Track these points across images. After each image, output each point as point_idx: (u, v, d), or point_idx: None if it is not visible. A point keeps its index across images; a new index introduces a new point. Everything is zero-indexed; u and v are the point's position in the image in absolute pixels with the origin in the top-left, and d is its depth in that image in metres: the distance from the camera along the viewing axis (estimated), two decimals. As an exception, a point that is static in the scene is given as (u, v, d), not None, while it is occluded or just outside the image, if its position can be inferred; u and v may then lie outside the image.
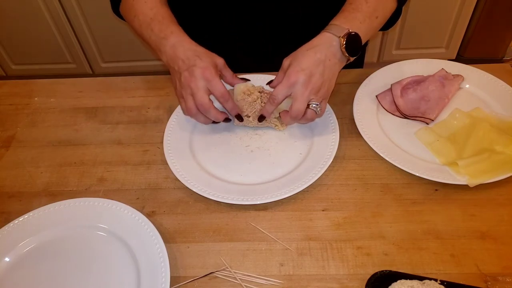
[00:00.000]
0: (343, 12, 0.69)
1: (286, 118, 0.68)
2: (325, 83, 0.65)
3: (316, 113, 0.67)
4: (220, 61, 0.70)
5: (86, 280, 0.56)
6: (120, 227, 0.61)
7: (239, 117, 0.72)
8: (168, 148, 0.71)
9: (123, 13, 0.80)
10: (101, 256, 0.58)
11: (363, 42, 0.67)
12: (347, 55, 0.65)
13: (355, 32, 0.65)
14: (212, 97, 0.68)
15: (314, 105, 0.66)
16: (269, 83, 0.73)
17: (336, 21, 0.67)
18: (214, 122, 0.72)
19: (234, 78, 0.73)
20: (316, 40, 0.66)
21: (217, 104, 0.72)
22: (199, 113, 0.69)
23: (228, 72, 0.73)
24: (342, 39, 0.64)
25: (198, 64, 0.66)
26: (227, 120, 0.72)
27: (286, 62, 0.68)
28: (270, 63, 0.81)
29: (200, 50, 0.68)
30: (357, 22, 0.66)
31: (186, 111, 0.69)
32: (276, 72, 0.83)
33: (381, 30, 0.76)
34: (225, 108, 0.71)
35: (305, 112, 0.66)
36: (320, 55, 0.64)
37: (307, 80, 0.64)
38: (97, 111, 0.82)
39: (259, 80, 0.82)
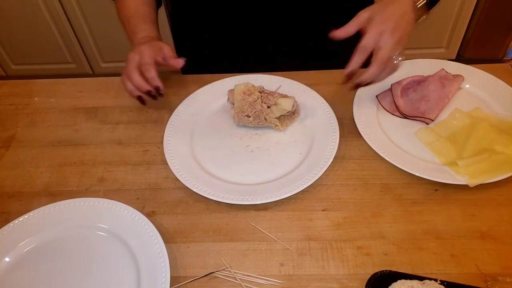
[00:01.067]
0: None
1: (372, 68, 0.66)
2: (405, 37, 0.65)
3: (399, 63, 0.67)
4: (165, 46, 0.74)
5: (86, 280, 0.56)
6: (120, 227, 0.61)
7: (154, 94, 0.72)
8: (168, 148, 0.71)
9: (116, 5, 0.86)
10: (101, 256, 0.58)
11: None
12: (426, 7, 0.67)
13: None
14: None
15: (399, 58, 0.66)
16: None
17: None
18: (140, 100, 0.74)
19: (170, 58, 0.73)
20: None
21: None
22: (135, 74, 0.71)
23: (168, 52, 0.74)
24: None
25: (141, 45, 0.72)
26: (147, 96, 0.73)
27: (364, 14, 0.66)
28: (270, 63, 0.81)
29: (155, 41, 0.74)
30: None
31: (124, 80, 0.73)
32: (277, 72, 0.84)
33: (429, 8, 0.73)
34: (146, 76, 0.72)
35: (387, 63, 0.66)
36: (401, 9, 0.65)
37: (394, 29, 0.64)
38: (97, 111, 0.82)
39: (259, 80, 0.82)
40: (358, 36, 0.90)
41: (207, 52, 0.94)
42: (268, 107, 0.72)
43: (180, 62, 0.74)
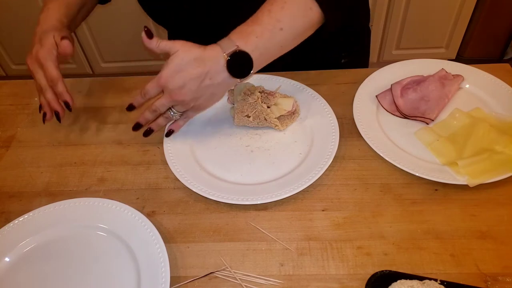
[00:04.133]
0: (244, 24, 0.63)
1: (140, 99, 0.66)
2: (197, 99, 0.63)
3: (172, 118, 0.68)
4: (53, 38, 0.70)
5: (86, 280, 0.56)
6: (120, 227, 0.61)
7: (67, 106, 0.70)
8: (168, 148, 0.71)
9: None
10: (101, 256, 0.58)
11: (259, 62, 0.62)
12: (230, 74, 0.61)
13: (242, 51, 0.60)
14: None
15: (173, 112, 0.67)
16: None
17: (232, 33, 0.62)
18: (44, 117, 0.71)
19: (60, 44, 0.70)
20: (208, 51, 0.61)
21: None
22: (40, 93, 0.70)
23: (58, 40, 0.70)
24: (227, 56, 0.60)
25: (37, 47, 0.68)
26: (56, 115, 0.70)
27: (174, 47, 0.61)
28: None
29: (46, 31, 0.70)
30: (253, 37, 0.60)
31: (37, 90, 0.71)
32: (277, 72, 0.84)
33: (326, 32, 0.68)
34: (56, 91, 0.69)
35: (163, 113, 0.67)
36: (201, 70, 0.60)
37: (176, 90, 0.61)
38: (97, 111, 0.82)
39: (259, 80, 0.82)
40: (354, 35, 0.90)
41: None
42: (268, 107, 0.72)
43: (65, 45, 0.69)
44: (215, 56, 0.60)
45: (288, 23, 0.62)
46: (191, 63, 0.60)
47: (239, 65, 0.61)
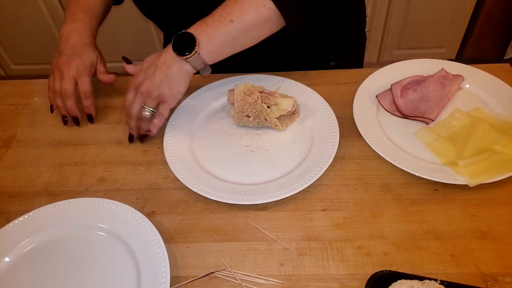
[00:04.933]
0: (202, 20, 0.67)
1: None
2: (158, 87, 0.67)
3: (147, 116, 0.70)
4: (96, 59, 0.78)
5: (86, 280, 0.56)
6: (120, 227, 0.61)
7: (90, 117, 0.78)
8: (168, 148, 0.71)
9: None
10: (101, 256, 0.58)
11: (219, 47, 0.66)
12: (175, 53, 0.65)
13: (187, 32, 0.65)
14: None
15: (145, 111, 0.69)
16: None
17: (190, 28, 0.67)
18: (64, 119, 0.79)
19: (101, 74, 0.79)
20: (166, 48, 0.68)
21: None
22: (58, 96, 0.76)
23: (100, 68, 0.79)
24: (173, 40, 0.65)
25: (79, 57, 0.75)
26: (75, 120, 0.78)
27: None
28: (262, 63, 0.82)
29: (88, 45, 0.77)
30: (203, 25, 0.66)
31: (49, 88, 0.77)
32: (277, 72, 0.84)
33: (292, 32, 0.70)
34: (83, 104, 0.77)
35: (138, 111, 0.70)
36: (156, 58, 0.67)
37: (139, 83, 0.68)
38: (97, 111, 0.82)
39: (259, 80, 0.82)
40: (351, 34, 0.90)
41: None
42: (268, 107, 0.72)
43: (111, 78, 0.79)
44: (168, 46, 0.66)
45: (239, 16, 0.65)
46: (151, 58, 0.69)
47: (182, 43, 0.65)
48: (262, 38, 0.69)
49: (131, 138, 0.74)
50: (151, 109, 0.69)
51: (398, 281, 0.52)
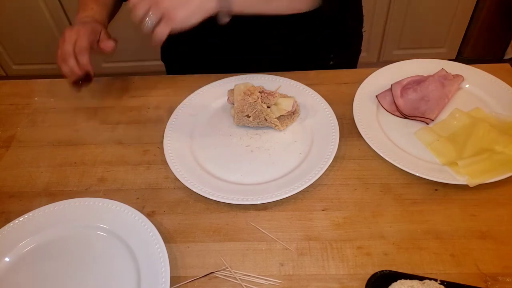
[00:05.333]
0: None
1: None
2: (173, 6, 0.62)
3: (147, 26, 0.63)
4: (101, 30, 0.77)
5: (86, 280, 0.56)
6: (120, 227, 0.61)
7: (88, 77, 0.75)
8: (168, 148, 0.71)
9: None
10: (101, 256, 0.58)
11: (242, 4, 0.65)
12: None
13: None
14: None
15: (148, 21, 0.63)
16: None
17: None
18: (75, 84, 0.76)
19: (102, 41, 0.76)
20: None
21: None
22: (64, 59, 0.74)
23: (103, 36, 0.77)
24: None
25: (81, 25, 0.76)
26: (82, 81, 0.75)
27: None
28: (258, 63, 0.82)
29: (96, 21, 0.78)
30: None
31: (57, 58, 0.76)
32: (277, 72, 0.84)
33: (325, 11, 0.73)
34: (79, 62, 0.74)
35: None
36: None
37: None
38: (97, 111, 0.82)
39: (259, 80, 0.82)
40: (349, 34, 0.90)
41: (195, 59, 0.95)
42: (268, 107, 0.72)
43: (111, 45, 0.75)
44: None
45: None
46: None
47: None
48: (290, 10, 0.70)
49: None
50: (153, 20, 0.63)
51: (398, 281, 0.52)
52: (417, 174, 0.64)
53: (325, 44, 0.92)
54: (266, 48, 0.87)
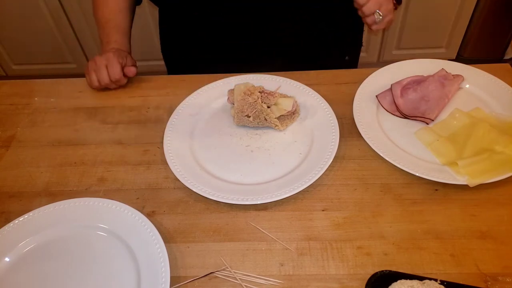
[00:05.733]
0: None
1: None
2: (389, 3, 0.79)
3: (375, 21, 0.80)
4: (129, 57, 0.87)
5: (86, 280, 0.56)
6: (120, 227, 0.61)
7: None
8: (168, 148, 0.71)
9: (93, 3, 0.92)
10: (101, 256, 0.58)
11: None
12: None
13: None
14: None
15: (379, 14, 0.79)
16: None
17: None
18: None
19: (126, 66, 0.84)
20: None
21: None
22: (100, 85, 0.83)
23: (129, 62, 0.86)
24: None
25: (110, 52, 0.82)
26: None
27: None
28: (260, 64, 0.82)
29: (122, 51, 0.85)
30: None
31: (91, 82, 0.84)
32: (277, 72, 0.84)
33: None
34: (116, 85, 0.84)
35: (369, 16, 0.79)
36: None
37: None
38: (97, 111, 0.82)
39: (259, 80, 0.82)
40: (323, 39, 0.92)
41: (196, 57, 0.95)
42: (268, 107, 0.72)
43: (132, 70, 0.84)
44: None
45: None
46: None
47: None
48: None
49: None
50: (381, 14, 0.78)
51: (398, 281, 0.52)
52: (417, 174, 0.64)
53: (339, 40, 0.92)
54: (277, 40, 0.88)
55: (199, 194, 0.64)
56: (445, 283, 0.53)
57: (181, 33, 0.93)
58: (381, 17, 0.79)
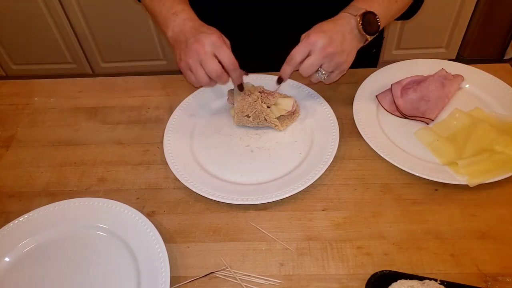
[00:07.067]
0: None
1: (288, 68, 0.68)
2: (342, 54, 0.66)
3: (320, 79, 0.70)
4: (225, 40, 0.68)
5: (86, 280, 0.56)
6: (120, 227, 0.61)
7: (241, 87, 0.72)
8: (168, 148, 0.71)
9: None
10: (101, 256, 0.58)
11: (381, 24, 0.69)
12: (363, 32, 0.67)
13: (371, 11, 0.67)
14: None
15: (322, 73, 0.69)
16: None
17: (355, 2, 0.70)
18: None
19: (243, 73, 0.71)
20: (335, 18, 0.68)
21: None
22: (211, 81, 0.67)
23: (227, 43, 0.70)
24: (359, 17, 0.66)
25: (206, 31, 0.65)
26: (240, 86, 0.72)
27: (304, 35, 0.68)
28: (271, 63, 0.81)
29: (207, 25, 0.68)
30: (376, 4, 0.68)
31: (197, 83, 0.67)
32: (277, 73, 0.83)
33: (402, 19, 0.79)
34: (231, 77, 0.68)
35: (312, 74, 0.68)
36: (340, 27, 0.66)
37: (326, 44, 0.64)
38: (97, 111, 0.82)
39: (259, 80, 0.82)
40: None
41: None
42: (268, 107, 0.72)
43: (240, 78, 0.70)
44: (347, 19, 0.67)
45: None
46: (328, 26, 0.67)
47: (370, 23, 0.68)
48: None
49: (280, 81, 0.72)
50: (327, 73, 0.69)
51: (398, 281, 0.52)
52: (417, 174, 0.64)
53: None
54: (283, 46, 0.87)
55: (199, 194, 0.64)
56: (445, 283, 0.53)
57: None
58: (324, 75, 0.69)
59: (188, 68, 0.66)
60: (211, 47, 0.64)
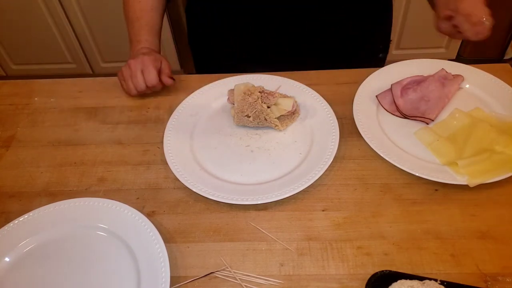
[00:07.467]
0: None
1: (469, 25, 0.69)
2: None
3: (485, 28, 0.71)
4: (164, 61, 0.81)
5: (86, 280, 0.56)
6: (120, 227, 0.61)
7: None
8: (168, 148, 0.71)
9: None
10: (101, 256, 0.58)
11: None
12: None
13: None
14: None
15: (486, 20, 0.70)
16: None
17: None
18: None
19: (164, 75, 0.80)
20: None
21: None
22: (137, 92, 0.80)
23: (166, 68, 0.81)
24: None
25: (144, 55, 0.78)
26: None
27: (446, 11, 0.69)
28: (272, 63, 0.82)
29: (155, 52, 0.81)
30: None
31: (129, 90, 0.80)
32: (277, 72, 0.84)
33: None
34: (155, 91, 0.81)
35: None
36: None
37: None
38: (97, 111, 0.82)
39: (259, 80, 0.82)
40: (356, 36, 0.91)
41: (219, 50, 0.95)
42: (268, 107, 0.72)
43: (169, 81, 0.80)
44: None
45: None
46: None
47: None
48: None
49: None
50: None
51: (398, 281, 0.52)
52: (417, 174, 0.64)
53: (371, 36, 0.92)
54: (310, 40, 0.87)
55: (199, 194, 0.64)
56: (445, 283, 0.53)
57: (208, 29, 0.91)
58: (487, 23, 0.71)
59: (122, 80, 0.81)
60: (140, 65, 0.77)
